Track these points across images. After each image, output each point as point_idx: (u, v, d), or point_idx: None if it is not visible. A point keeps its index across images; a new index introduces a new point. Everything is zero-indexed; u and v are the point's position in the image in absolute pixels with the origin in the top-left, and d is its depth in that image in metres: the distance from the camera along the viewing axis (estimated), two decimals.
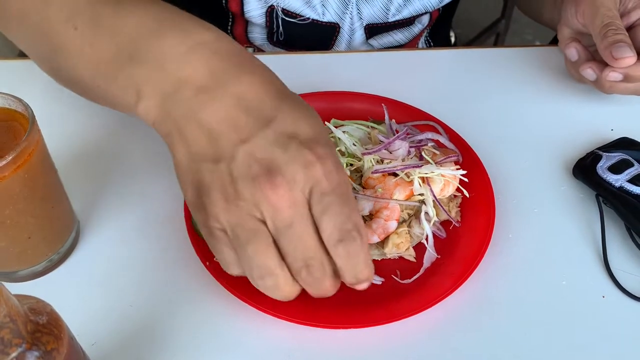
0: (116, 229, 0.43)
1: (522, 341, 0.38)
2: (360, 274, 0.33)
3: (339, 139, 0.46)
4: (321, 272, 0.32)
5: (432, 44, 0.75)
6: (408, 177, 0.43)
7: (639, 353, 0.37)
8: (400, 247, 0.41)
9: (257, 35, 0.66)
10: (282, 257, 0.32)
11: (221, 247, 0.33)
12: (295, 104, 0.34)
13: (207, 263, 0.39)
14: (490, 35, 1.42)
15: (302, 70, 0.57)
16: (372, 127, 0.48)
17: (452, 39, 0.93)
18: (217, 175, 0.32)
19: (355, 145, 0.45)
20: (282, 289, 0.33)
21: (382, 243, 0.42)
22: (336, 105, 0.51)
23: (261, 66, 0.35)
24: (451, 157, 0.46)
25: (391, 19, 0.64)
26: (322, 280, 0.33)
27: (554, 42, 0.62)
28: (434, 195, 0.42)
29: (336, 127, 0.47)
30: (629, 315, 0.39)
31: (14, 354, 0.25)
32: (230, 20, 0.65)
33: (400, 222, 0.42)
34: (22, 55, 0.52)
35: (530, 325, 0.38)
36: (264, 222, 0.31)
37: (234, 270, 0.34)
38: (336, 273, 0.33)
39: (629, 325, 0.39)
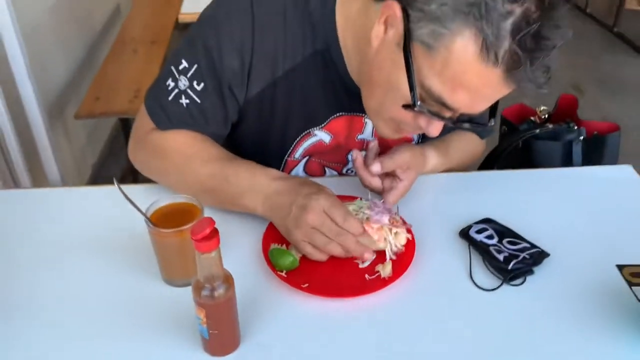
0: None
1: (424, 322, 0.80)
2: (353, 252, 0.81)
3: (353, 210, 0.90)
4: (343, 240, 0.80)
5: None
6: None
7: (483, 323, 0.79)
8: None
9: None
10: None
11: (305, 247, 0.80)
12: (306, 186, 0.81)
13: (280, 272, 0.82)
14: None
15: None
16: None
17: None
18: (293, 223, 0.79)
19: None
20: (333, 248, 0.80)
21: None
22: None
23: (295, 180, 0.83)
24: (407, 225, 0.90)
25: None
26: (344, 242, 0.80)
27: None
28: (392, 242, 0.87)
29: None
30: (483, 299, 0.81)
31: (218, 282, 0.67)
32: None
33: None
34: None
35: (430, 313, 0.80)
36: (315, 228, 0.78)
37: (315, 255, 0.81)
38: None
39: (483, 305, 0.81)
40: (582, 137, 1.25)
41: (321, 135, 1.00)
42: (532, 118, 1.38)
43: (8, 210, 0.98)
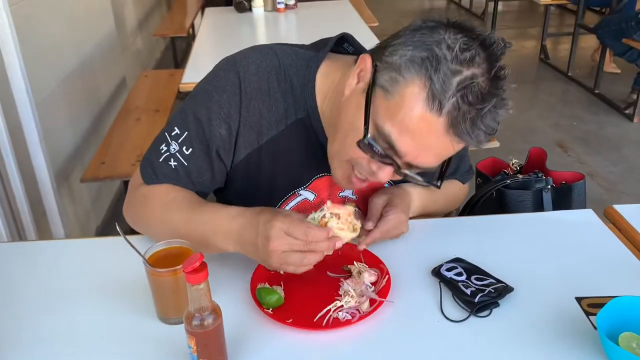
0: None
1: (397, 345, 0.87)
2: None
3: None
4: (314, 248, 0.86)
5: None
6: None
7: (452, 351, 0.86)
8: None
9: None
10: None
11: (286, 268, 0.87)
12: (262, 214, 0.88)
13: (267, 309, 0.90)
14: None
15: None
16: None
17: None
18: (262, 254, 0.86)
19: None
20: (310, 258, 0.85)
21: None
22: None
23: (252, 212, 0.91)
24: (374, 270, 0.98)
25: None
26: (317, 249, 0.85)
27: None
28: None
29: None
30: (453, 329, 0.89)
31: (206, 313, 0.75)
32: None
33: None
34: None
35: (404, 341, 0.88)
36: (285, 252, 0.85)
37: (299, 270, 0.87)
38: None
39: (453, 334, 0.88)
40: (549, 186, 1.35)
41: (306, 195, 1.09)
42: (505, 170, 1.49)
43: (14, 262, 1.08)
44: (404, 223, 1.06)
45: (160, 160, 1.01)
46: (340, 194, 1.13)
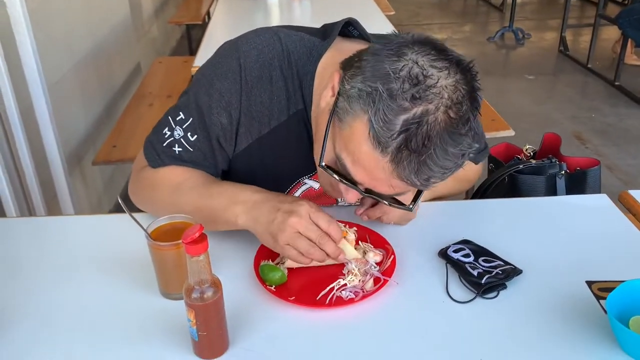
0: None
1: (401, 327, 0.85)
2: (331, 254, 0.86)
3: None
4: (324, 244, 0.85)
5: None
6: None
7: (458, 333, 0.84)
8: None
9: None
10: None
11: (289, 251, 0.85)
12: (287, 197, 0.88)
13: (270, 287, 0.89)
14: None
15: None
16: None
17: None
18: (277, 227, 0.85)
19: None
20: (315, 252, 0.85)
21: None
22: None
23: (275, 193, 0.91)
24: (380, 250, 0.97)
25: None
26: (325, 246, 0.85)
27: None
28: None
29: None
30: (459, 310, 0.87)
31: (206, 285, 0.74)
32: None
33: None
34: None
35: (409, 322, 0.86)
36: (299, 233, 0.84)
37: (299, 259, 0.86)
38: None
39: (459, 316, 0.86)
40: (563, 171, 1.32)
41: (311, 183, 1.08)
42: (518, 156, 1.46)
43: (21, 236, 1.08)
44: (410, 213, 1.03)
45: (164, 145, 0.99)
46: None
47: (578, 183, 1.34)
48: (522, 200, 1.19)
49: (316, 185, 1.08)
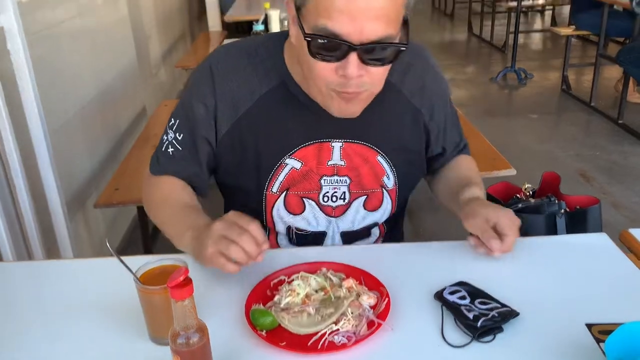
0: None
1: None
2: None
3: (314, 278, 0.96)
4: (244, 240, 0.91)
5: None
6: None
7: None
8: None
9: (282, 240, 1.20)
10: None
11: (218, 259, 0.91)
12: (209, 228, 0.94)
13: (261, 332, 0.87)
14: None
15: (303, 257, 1.10)
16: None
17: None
18: (205, 235, 0.90)
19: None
20: (233, 250, 0.89)
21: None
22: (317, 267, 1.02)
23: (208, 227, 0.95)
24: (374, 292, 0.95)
25: (355, 228, 1.19)
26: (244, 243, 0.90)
27: None
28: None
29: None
30: (452, 355, 0.84)
31: (192, 331, 0.73)
32: (267, 231, 1.20)
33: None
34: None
35: None
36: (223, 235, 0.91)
37: (227, 266, 0.91)
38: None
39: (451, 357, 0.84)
40: (562, 210, 1.30)
41: (292, 163, 1.11)
42: (517, 195, 1.45)
43: (19, 280, 1.08)
44: (507, 213, 1.04)
45: (162, 149, 1.14)
46: (328, 162, 1.12)
47: (579, 222, 1.33)
48: (520, 240, 1.16)
49: (297, 165, 1.12)
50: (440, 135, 1.20)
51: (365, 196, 1.16)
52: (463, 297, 0.94)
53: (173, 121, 1.13)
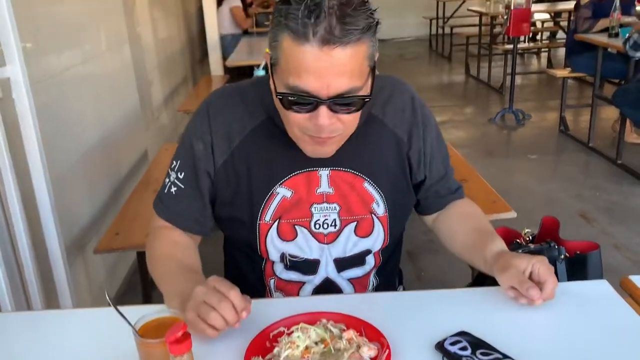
0: None
1: None
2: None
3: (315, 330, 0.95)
4: (222, 307, 0.93)
5: (378, 279, 1.27)
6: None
7: None
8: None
9: (278, 267, 1.21)
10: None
11: (198, 324, 0.91)
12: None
13: None
14: None
15: (303, 307, 1.09)
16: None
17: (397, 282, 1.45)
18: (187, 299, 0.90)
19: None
20: (213, 317, 0.91)
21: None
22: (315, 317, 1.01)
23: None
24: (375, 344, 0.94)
25: (348, 254, 1.19)
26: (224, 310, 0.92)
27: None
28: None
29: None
30: None
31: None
32: (264, 261, 1.21)
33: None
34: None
35: None
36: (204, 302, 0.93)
37: (207, 331, 0.91)
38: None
39: None
40: (562, 256, 1.30)
41: (283, 192, 1.16)
42: (517, 240, 1.45)
43: (17, 331, 1.07)
44: (540, 260, 1.06)
45: (165, 190, 1.19)
46: (317, 190, 1.16)
47: (579, 267, 1.32)
48: None
49: (288, 194, 1.16)
50: (422, 162, 1.24)
51: (356, 222, 1.19)
52: (464, 348, 0.93)
53: (175, 163, 1.19)
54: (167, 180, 1.19)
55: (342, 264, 1.21)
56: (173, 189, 1.18)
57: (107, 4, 3.03)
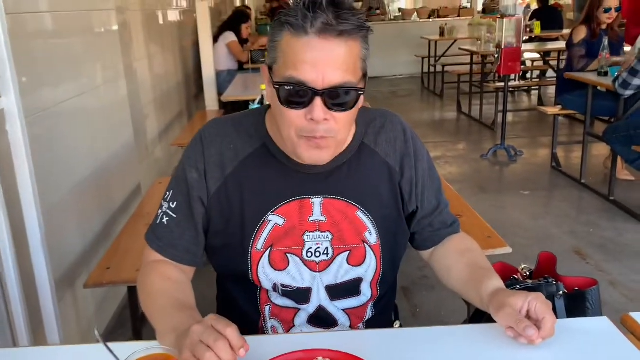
0: None
1: None
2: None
3: None
4: (219, 347, 0.88)
5: (374, 311, 1.25)
6: None
7: None
8: None
9: (272, 294, 1.19)
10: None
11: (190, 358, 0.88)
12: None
13: None
14: None
15: (300, 343, 1.06)
16: None
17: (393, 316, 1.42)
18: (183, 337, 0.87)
19: None
20: (209, 357, 0.86)
21: None
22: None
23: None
24: None
25: (339, 281, 1.18)
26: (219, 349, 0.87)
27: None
28: None
29: None
30: None
31: None
32: (258, 289, 1.19)
33: None
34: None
35: None
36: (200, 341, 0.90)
37: None
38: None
39: None
40: (561, 292, 1.28)
41: (275, 220, 1.16)
42: (514, 276, 1.43)
43: None
44: (537, 297, 1.04)
45: (157, 221, 1.19)
46: (310, 218, 1.16)
47: (578, 304, 1.30)
48: None
49: (280, 222, 1.17)
50: (414, 192, 1.24)
51: (349, 251, 1.18)
52: None
53: (168, 193, 1.20)
54: (160, 211, 1.20)
55: (335, 292, 1.20)
56: (165, 219, 1.18)
57: (104, 39, 3.06)
